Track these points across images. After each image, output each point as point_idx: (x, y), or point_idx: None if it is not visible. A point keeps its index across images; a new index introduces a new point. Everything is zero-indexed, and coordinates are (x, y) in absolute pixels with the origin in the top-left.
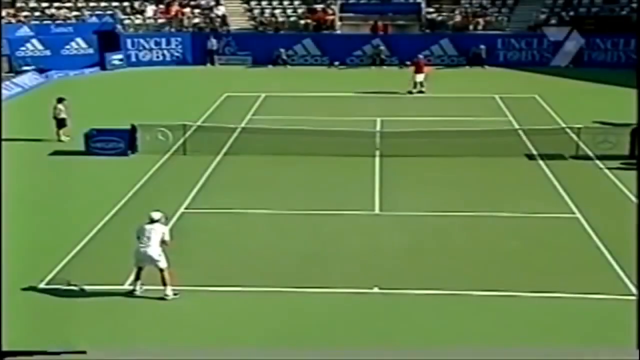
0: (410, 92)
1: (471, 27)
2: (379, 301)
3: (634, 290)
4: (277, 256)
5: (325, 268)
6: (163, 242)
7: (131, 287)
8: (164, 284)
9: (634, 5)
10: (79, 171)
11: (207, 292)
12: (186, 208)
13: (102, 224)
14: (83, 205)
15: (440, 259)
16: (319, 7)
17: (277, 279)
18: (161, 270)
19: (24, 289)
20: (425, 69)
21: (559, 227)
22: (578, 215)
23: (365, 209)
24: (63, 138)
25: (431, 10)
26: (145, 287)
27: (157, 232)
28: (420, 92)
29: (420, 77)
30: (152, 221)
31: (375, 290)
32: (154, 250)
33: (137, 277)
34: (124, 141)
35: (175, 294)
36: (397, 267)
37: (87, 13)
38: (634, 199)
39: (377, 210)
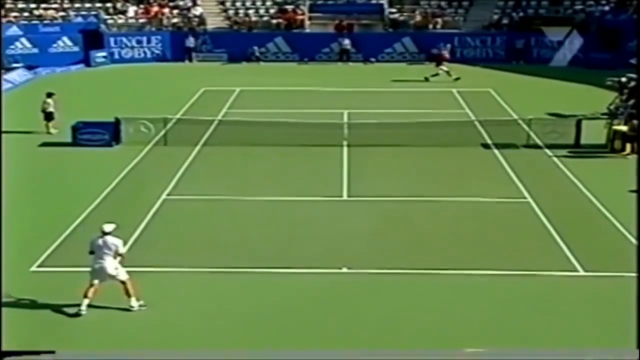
0: (456, 79)
1: (430, 26)
2: (347, 280)
3: (578, 267)
4: (252, 240)
5: (297, 250)
6: (118, 255)
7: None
8: (128, 296)
9: (577, 7)
10: (66, 161)
11: (185, 272)
12: (168, 194)
13: (89, 210)
14: (71, 193)
15: (403, 240)
16: (289, 7)
17: (252, 261)
18: (122, 282)
19: (14, 276)
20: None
21: (512, 211)
22: (529, 199)
23: (334, 195)
24: (52, 130)
25: (393, 10)
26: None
27: (111, 245)
28: (457, 79)
29: (445, 67)
30: (105, 234)
31: (344, 270)
32: (110, 264)
33: (85, 295)
34: (108, 133)
35: (141, 305)
36: (364, 249)
37: (72, 13)
38: (578, 184)
39: (345, 196)
